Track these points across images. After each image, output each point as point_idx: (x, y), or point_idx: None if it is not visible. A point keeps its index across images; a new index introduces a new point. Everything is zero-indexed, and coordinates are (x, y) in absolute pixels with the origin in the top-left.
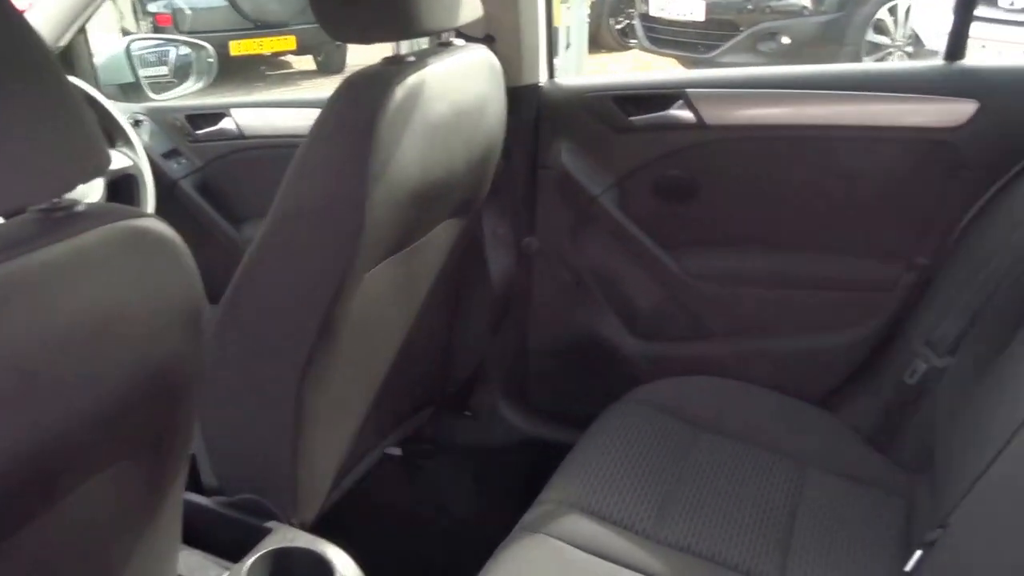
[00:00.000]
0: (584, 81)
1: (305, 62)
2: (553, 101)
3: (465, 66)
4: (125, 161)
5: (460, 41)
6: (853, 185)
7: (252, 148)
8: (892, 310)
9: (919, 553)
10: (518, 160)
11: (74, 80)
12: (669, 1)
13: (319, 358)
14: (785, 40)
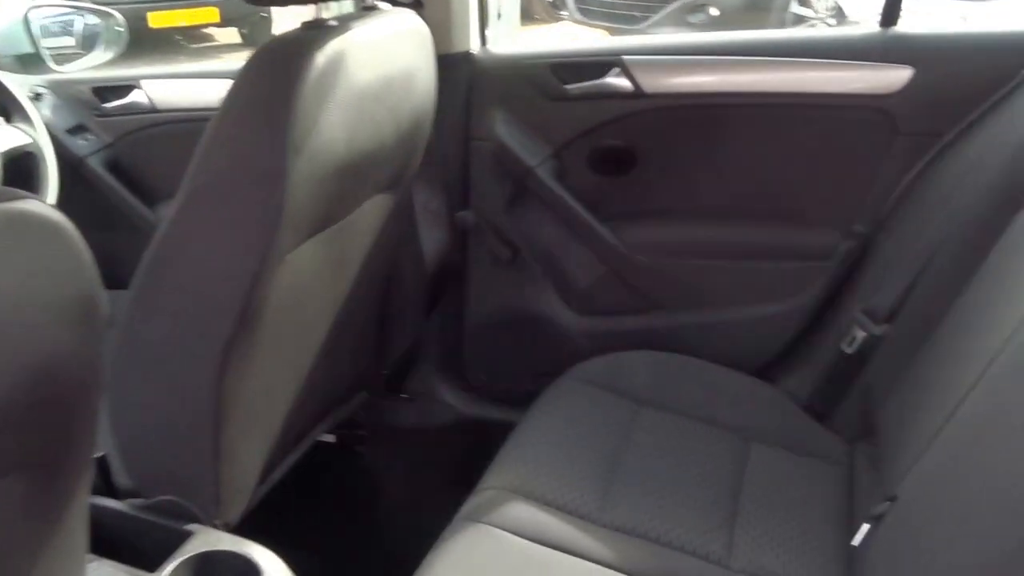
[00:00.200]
0: (518, 49)
1: (230, 35)
2: (486, 70)
3: (392, 31)
4: (22, 138)
5: (386, 5)
6: (790, 153)
7: (166, 123)
8: (830, 279)
9: (866, 527)
10: (450, 131)
11: None
12: None
13: (239, 345)
14: (714, 11)
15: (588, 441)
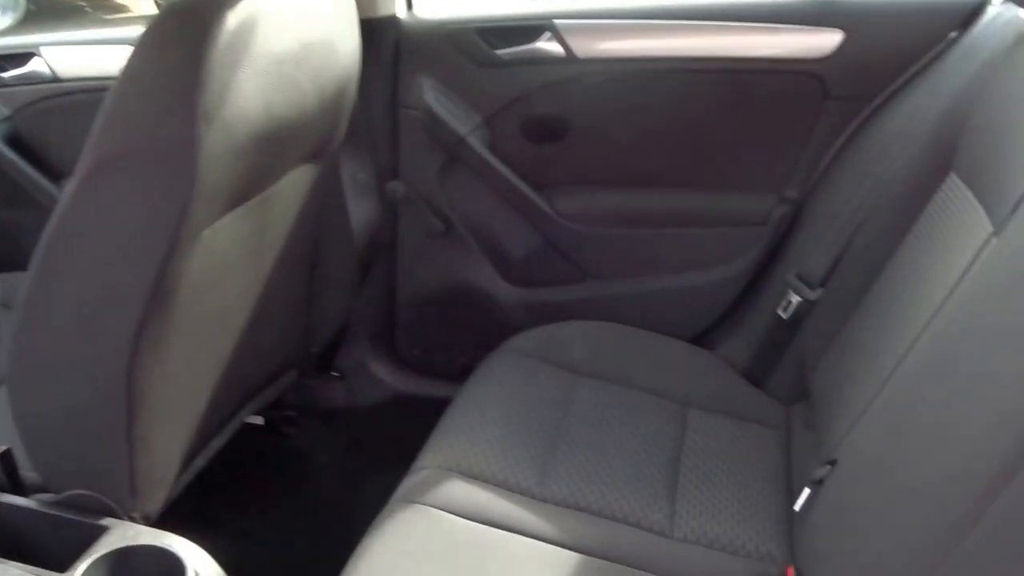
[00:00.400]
0: (445, 13)
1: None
2: (412, 34)
3: None
4: None
5: None
6: (722, 118)
7: (69, 93)
8: (764, 245)
9: (807, 491)
10: (376, 99)
11: None
12: None
13: (152, 328)
14: None
15: (525, 414)
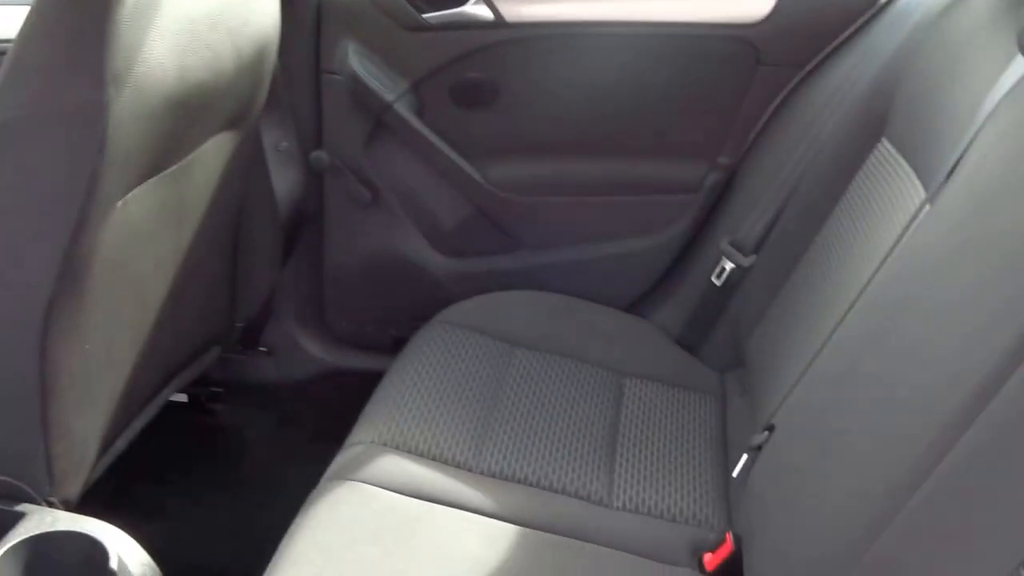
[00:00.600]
0: None
1: None
2: None
3: None
4: None
5: None
6: (654, 84)
7: None
8: (697, 212)
9: (745, 457)
10: (298, 63)
11: None
12: None
13: (64, 306)
14: None
15: (460, 386)
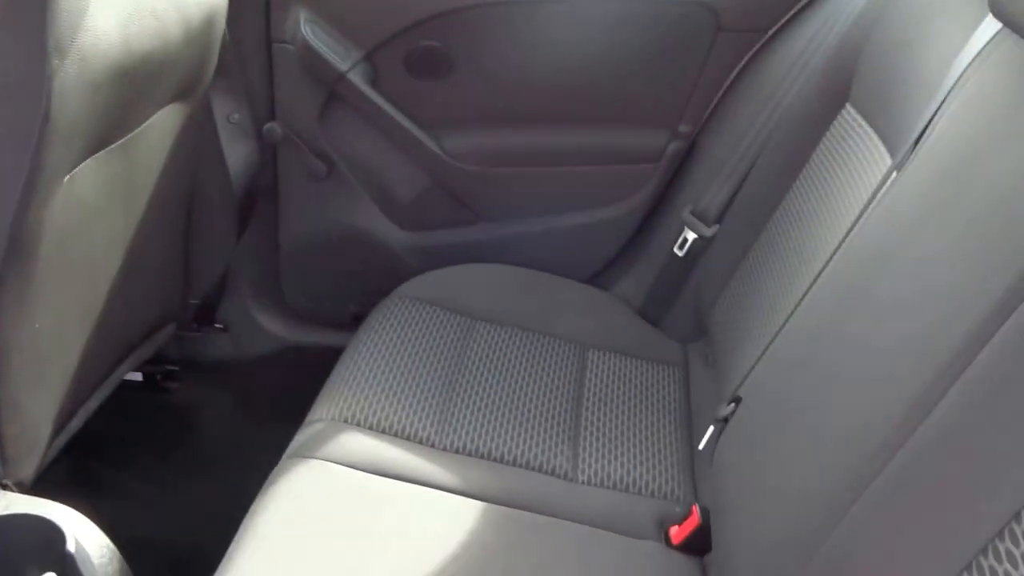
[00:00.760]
0: None
1: None
2: None
3: None
4: None
5: None
6: (613, 53)
7: None
8: (658, 181)
9: (711, 429)
10: (248, 32)
11: None
12: None
13: (11, 284)
14: None
15: (421, 362)
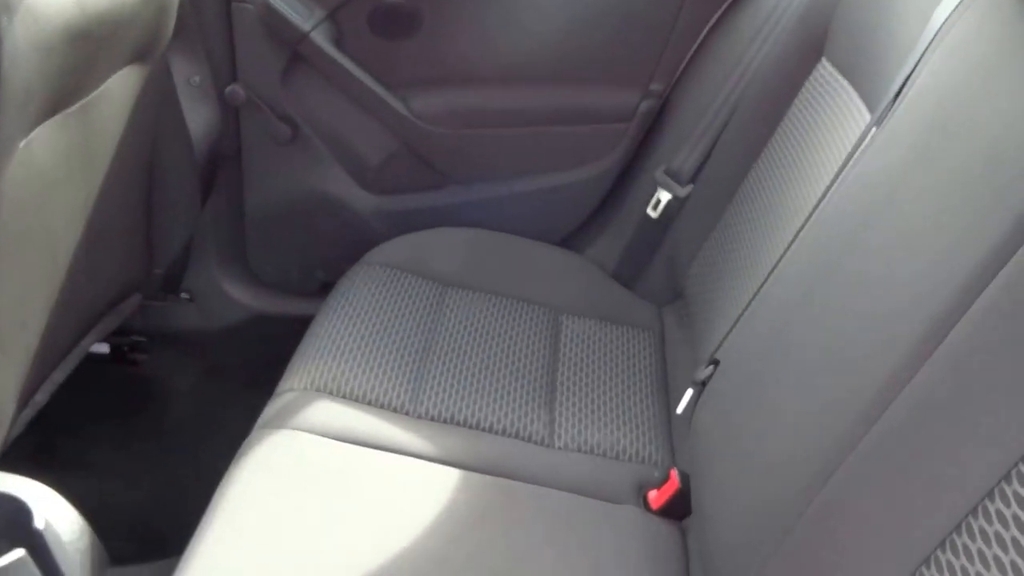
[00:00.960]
0: None
1: None
2: None
3: None
4: None
5: None
6: (583, 9)
7: None
8: (631, 141)
9: (690, 392)
10: None
11: None
12: None
13: None
14: None
15: (393, 328)
